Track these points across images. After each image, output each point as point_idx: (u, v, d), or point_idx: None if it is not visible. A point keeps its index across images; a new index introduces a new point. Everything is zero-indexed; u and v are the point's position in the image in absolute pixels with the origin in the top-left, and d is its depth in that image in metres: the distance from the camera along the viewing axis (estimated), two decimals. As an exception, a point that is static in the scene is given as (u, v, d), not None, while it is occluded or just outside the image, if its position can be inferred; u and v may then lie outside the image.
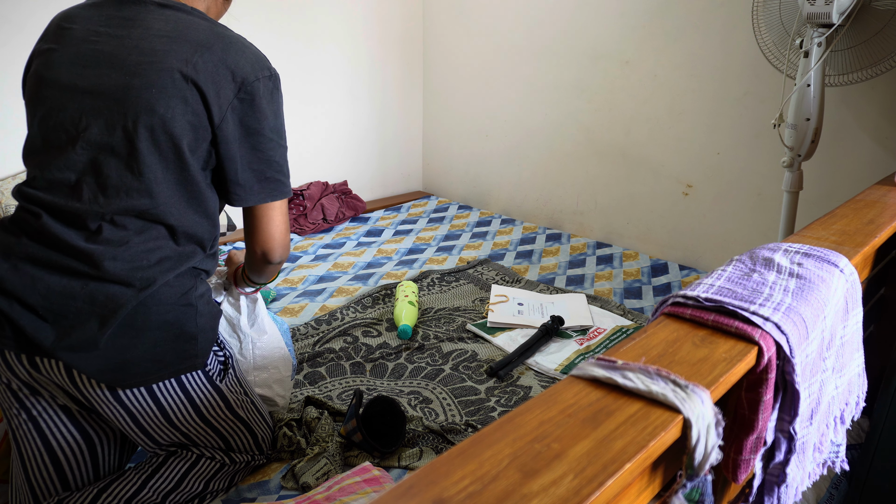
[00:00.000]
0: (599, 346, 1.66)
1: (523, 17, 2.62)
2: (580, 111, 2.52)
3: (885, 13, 1.49)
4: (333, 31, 2.70)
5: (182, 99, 0.95)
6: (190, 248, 1.03)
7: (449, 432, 1.29)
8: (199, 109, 0.96)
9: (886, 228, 1.05)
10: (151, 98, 0.94)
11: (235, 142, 1.01)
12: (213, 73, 0.96)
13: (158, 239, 0.99)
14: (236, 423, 1.14)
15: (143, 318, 0.98)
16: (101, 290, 0.95)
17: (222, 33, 1.00)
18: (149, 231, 0.98)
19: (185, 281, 1.03)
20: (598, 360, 0.60)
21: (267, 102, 1.02)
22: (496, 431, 0.50)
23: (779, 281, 0.79)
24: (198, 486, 1.10)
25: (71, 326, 0.94)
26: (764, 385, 0.67)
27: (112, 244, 0.96)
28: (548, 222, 2.76)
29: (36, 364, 0.97)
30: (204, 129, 0.98)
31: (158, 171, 0.96)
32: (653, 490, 0.59)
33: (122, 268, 0.96)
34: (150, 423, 1.04)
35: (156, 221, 0.98)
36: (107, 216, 0.95)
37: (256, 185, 1.04)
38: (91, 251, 0.94)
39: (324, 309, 1.88)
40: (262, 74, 1.01)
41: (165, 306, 1.00)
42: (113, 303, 0.95)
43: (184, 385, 1.05)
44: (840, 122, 1.86)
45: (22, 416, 1.02)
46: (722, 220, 2.20)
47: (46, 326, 0.94)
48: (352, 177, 2.95)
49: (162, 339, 1.00)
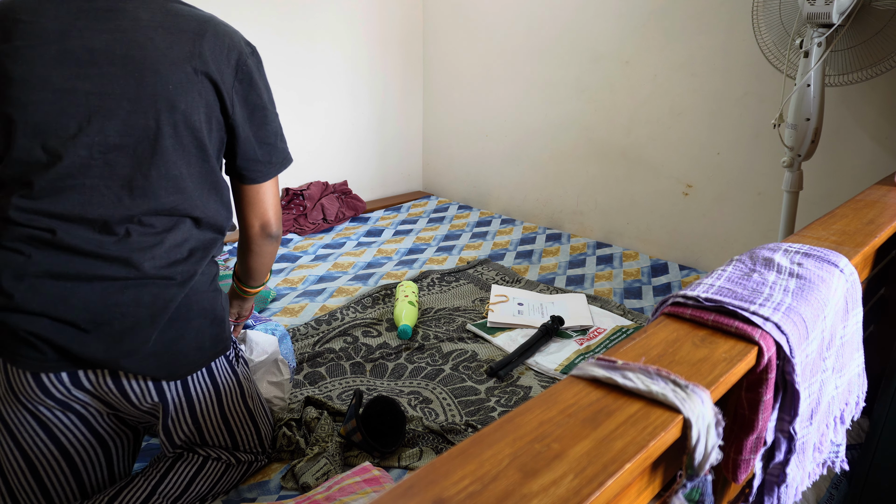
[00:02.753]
0: (599, 346, 1.66)
1: (523, 18, 2.62)
2: (580, 111, 2.52)
3: (885, 13, 1.49)
4: (334, 31, 2.70)
5: (198, 92, 0.96)
6: (212, 236, 1.05)
7: (449, 432, 1.29)
8: (212, 100, 0.98)
9: (886, 228, 1.05)
10: (170, 94, 0.94)
11: (245, 123, 1.03)
12: (216, 61, 0.97)
13: (187, 231, 1.00)
14: (245, 417, 1.14)
15: (186, 309, 1.00)
16: (146, 291, 0.95)
17: (203, 17, 1.00)
18: (178, 226, 0.99)
19: (212, 268, 1.07)
20: (598, 360, 0.60)
21: (259, 76, 1.05)
22: (496, 431, 0.50)
23: (779, 281, 0.79)
24: (204, 489, 1.10)
25: (121, 332, 0.94)
26: (764, 385, 0.67)
27: (145, 244, 0.95)
28: (548, 222, 2.76)
29: (79, 381, 0.96)
30: (217, 119, 1.00)
31: (183, 167, 0.97)
32: (653, 490, 0.59)
33: (160, 265, 0.96)
34: (177, 416, 1.05)
35: (184, 215, 0.99)
36: (135, 218, 0.95)
37: (270, 158, 1.08)
38: (126, 255, 0.94)
39: (324, 309, 1.88)
40: (247, 50, 1.03)
41: (202, 294, 1.03)
42: (161, 300, 0.96)
43: (213, 373, 1.07)
44: (840, 122, 1.85)
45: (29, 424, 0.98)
46: (722, 220, 2.20)
47: (92, 338, 0.92)
48: (352, 177, 2.95)
49: (203, 326, 1.03)
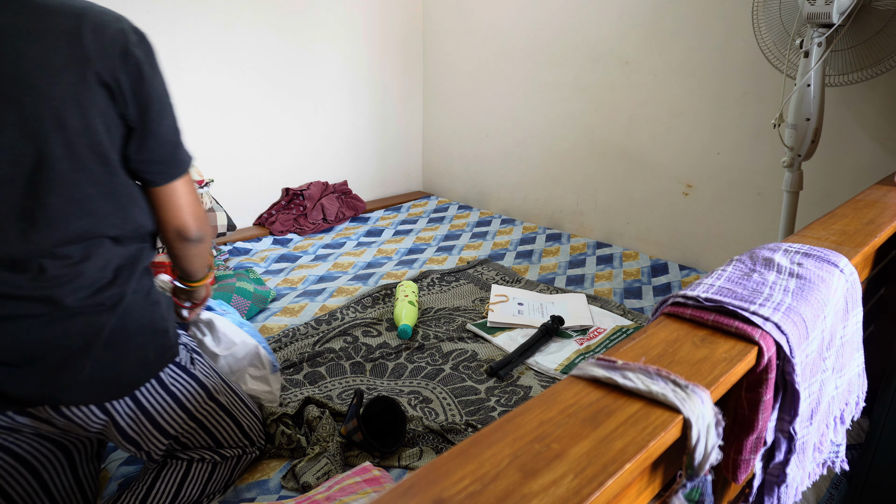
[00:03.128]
0: (599, 346, 1.66)
1: (523, 17, 2.62)
2: (580, 111, 2.52)
3: (885, 13, 1.49)
4: (334, 31, 2.70)
5: (89, 101, 0.85)
6: (137, 247, 0.97)
7: (449, 432, 1.29)
8: (105, 105, 0.87)
9: (886, 228, 1.05)
10: (56, 112, 0.83)
11: (141, 120, 0.92)
12: (101, 58, 0.85)
13: (107, 252, 0.92)
14: (219, 413, 1.11)
15: (122, 331, 0.94)
16: (74, 322, 0.89)
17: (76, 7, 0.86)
18: (96, 250, 0.90)
19: (144, 281, 0.99)
20: (598, 360, 0.60)
21: (150, 66, 0.92)
22: (496, 431, 0.50)
23: (779, 281, 0.79)
24: (195, 493, 1.08)
25: (55, 365, 0.89)
26: (764, 385, 0.67)
27: (64, 278, 0.88)
28: (548, 222, 2.76)
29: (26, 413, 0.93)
30: (115, 125, 0.89)
31: (88, 188, 0.88)
32: (653, 490, 0.59)
33: (84, 296, 0.89)
34: (142, 431, 1.01)
35: (99, 237, 0.91)
36: (46, 251, 0.86)
37: (175, 157, 0.98)
38: (46, 293, 0.86)
39: (324, 309, 1.88)
40: (135, 39, 0.90)
41: (138, 311, 0.96)
42: (91, 329, 0.90)
43: (163, 382, 1.02)
44: (840, 122, 1.85)
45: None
46: (722, 220, 2.20)
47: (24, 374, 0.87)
48: (352, 177, 2.95)
49: (145, 342, 0.98)
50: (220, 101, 2.40)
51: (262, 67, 2.49)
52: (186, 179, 1.00)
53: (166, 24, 2.19)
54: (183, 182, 1.00)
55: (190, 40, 2.26)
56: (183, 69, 2.26)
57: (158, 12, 2.16)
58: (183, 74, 2.27)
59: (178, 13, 2.21)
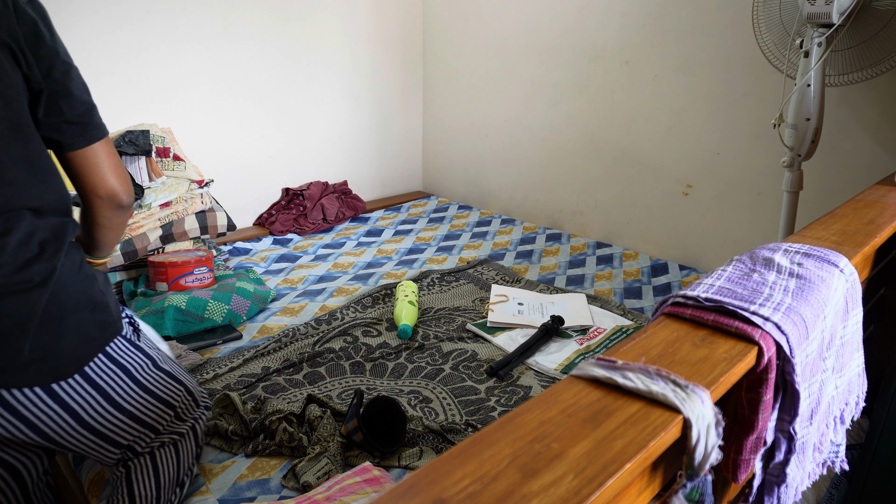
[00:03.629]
0: (599, 346, 1.66)
1: (523, 18, 2.62)
2: (580, 111, 2.52)
3: (885, 13, 1.49)
4: (334, 31, 2.70)
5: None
6: (60, 221, 0.94)
7: (449, 432, 1.29)
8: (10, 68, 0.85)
9: (886, 228, 1.05)
10: None
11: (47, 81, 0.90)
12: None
13: (29, 225, 0.89)
14: (167, 380, 1.09)
15: (57, 307, 0.90)
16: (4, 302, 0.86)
17: None
18: (17, 222, 0.88)
19: (74, 255, 0.96)
20: (598, 360, 0.60)
21: (45, 26, 0.90)
22: (496, 431, 0.50)
23: (779, 281, 0.79)
24: (173, 475, 1.07)
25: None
26: (764, 385, 0.67)
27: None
28: (548, 222, 2.76)
29: None
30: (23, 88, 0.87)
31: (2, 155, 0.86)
32: (653, 490, 0.59)
33: (9, 272, 0.86)
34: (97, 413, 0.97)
35: (18, 208, 0.88)
36: None
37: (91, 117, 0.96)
38: None
39: (324, 309, 1.88)
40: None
41: (72, 286, 0.93)
42: (23, 307, 0.87)
43: (112, 356, 0.99)
44: (840, 122, 1.86)
45: None
46: (722, 220, 2.20)
47: None
48: (352, 177, 2.95)
49: (84, 318, 0.94)
50: (220, 102, 2.40)
51: (262, 67, 2.49)
52: (107, 141, 0.98)
53: (166, 24, 2.19)
54: (104, 144, 0.97)
55: (190, 40, 2.26)
56: (183, 69, 2.27)
57: (158, 12, 2.16)
58: (183, 74, 2.27)
59: (177, 13, 2.21)
